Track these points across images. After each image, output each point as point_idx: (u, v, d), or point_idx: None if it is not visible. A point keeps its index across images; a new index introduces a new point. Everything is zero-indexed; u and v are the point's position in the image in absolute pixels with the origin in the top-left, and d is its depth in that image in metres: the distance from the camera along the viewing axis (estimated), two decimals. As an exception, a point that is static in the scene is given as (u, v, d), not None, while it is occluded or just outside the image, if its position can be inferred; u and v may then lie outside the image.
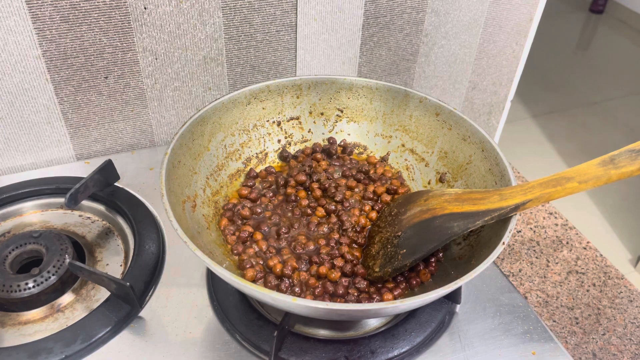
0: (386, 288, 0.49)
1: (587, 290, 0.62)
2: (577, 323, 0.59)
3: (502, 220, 0.46)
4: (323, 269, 0.49)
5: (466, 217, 0.46)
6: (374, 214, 0.56)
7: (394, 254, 0.49)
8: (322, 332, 0.50)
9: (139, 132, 0.73)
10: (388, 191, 0.59)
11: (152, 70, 0.68)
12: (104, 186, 0.62)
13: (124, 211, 0.60)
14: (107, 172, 0.61)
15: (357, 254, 0.52)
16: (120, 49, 0.65)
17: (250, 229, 0.53)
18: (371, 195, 0.58)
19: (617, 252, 1.73)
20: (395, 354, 0.48)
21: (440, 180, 0.59)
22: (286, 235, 0.53)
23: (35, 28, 0.59)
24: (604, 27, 3.28)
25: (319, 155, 0.62)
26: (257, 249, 0.51)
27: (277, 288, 0.48)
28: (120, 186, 0.63)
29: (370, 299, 0.48)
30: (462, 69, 0.88)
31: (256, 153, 0.62)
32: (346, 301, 0.48)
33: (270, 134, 0.63)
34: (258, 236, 0.52)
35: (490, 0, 0.81)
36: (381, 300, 0.48)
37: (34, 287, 0.51)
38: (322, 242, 0.53)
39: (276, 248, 0.52)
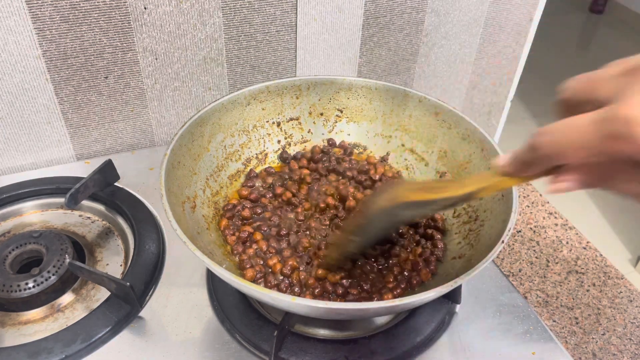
0: (386, 287, 0.49)
1: (587, 290, 0.62)
2: (577, 323, 0.59)
3: (501, 219, 0.46)
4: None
5: (418, 206, 0.44)
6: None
7: (347, 241, 0.48)
8: (322, 332, 0.50)
9: (139, 132, 0.73)
10: (388, 191, 0.59)
11: (152, 70, 0.68)
12: (104, 186, 0.62)
13: (124, 211, 0.60)
14: (107, 172, 0.61)
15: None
16: (120, 49, 0.65)
17: (250, 229, 0.53)
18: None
19: (617, 252, 1.73)
20: (395, 354, 0.48)
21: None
22: (286, 236, 0.53)
23: (35, 28, 0.60)
24: (604, 27, 3.28)
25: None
26: (257, 249, 0.52)
27: (277, 288, 0.48)
28: (120, 186, 0.63)
29: (369, 299, 0.48)
30: (462, 69, 0.88)
31: (256, 154, 0.62)
32: (346, 301, 0.48)
33: (270, 134, 0.63)
34: (258, 236, 0.52)
35: (490, 0, 0.81)
36: (381, 299, 0.48)
37: (34, 287, 0.51)
38: (322, 242, 0.52)
39: (276, 248, 0.52)
